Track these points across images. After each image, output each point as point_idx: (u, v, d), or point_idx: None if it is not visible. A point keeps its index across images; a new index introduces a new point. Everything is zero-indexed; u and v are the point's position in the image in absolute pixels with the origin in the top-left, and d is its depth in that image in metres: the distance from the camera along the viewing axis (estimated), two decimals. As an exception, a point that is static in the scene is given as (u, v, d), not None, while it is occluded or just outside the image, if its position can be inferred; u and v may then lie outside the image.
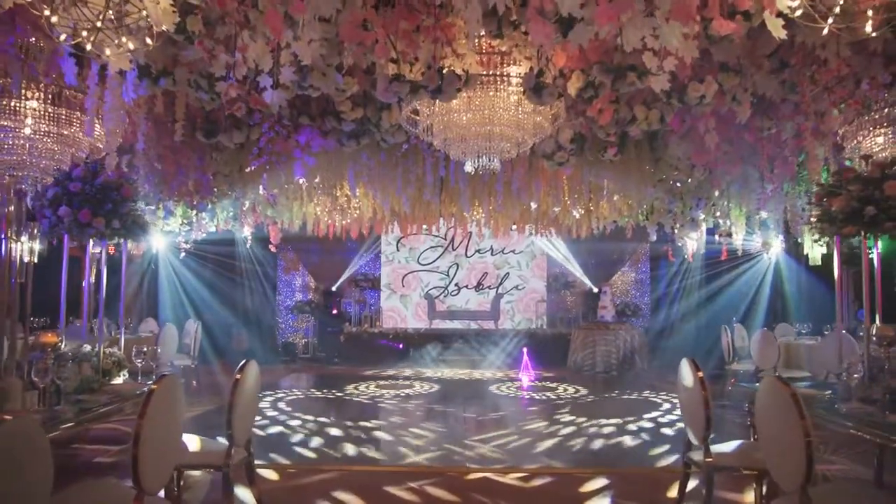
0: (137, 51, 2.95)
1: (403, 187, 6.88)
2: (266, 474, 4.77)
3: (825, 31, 2.65)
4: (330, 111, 5.15)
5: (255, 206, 8.06)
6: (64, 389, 3.23)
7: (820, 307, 9.95)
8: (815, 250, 8.62)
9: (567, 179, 7.09)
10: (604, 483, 4.62)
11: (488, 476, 4.83)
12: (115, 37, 2.88)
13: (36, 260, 3.82)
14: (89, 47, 2.67)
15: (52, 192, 3.89)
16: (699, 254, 9.61)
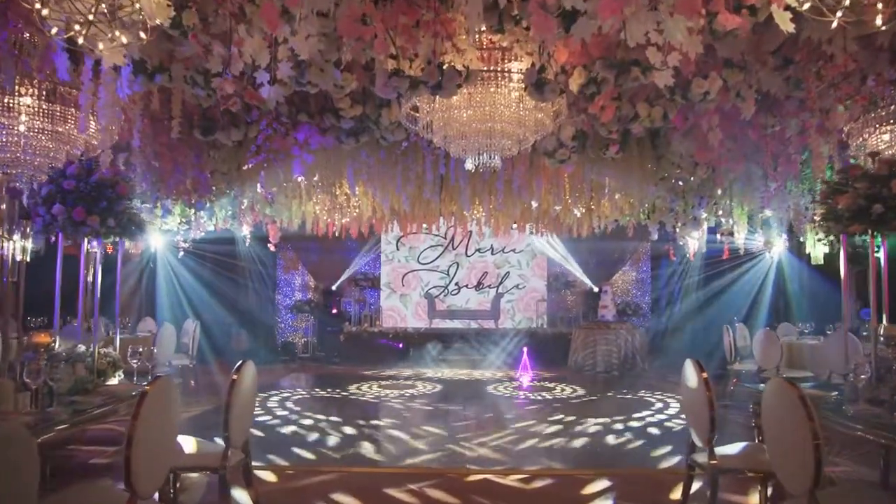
0: (131, 45, 2.89)
1: (403, 185, 6.82)
2: (264, 476, 4.71)
3: (834, 25, 2.59)
4: (329, 108, 5.10)
5: (254, 205, 8.00)
6: (57, 391, 3.18)
7: (822, 307, 9.89)
8: (818, 249, 8.56)
9: (568, 177, 7.03)
10: (606, 485, 4.57)
11: (489, 478, 4.78)
12: (109, 31, 2.83)
13: (29, 259, 3.76)
14: (81, 41, 2.61)
15: (46, 190, 3.83)
16: (700, 253, 9.53)
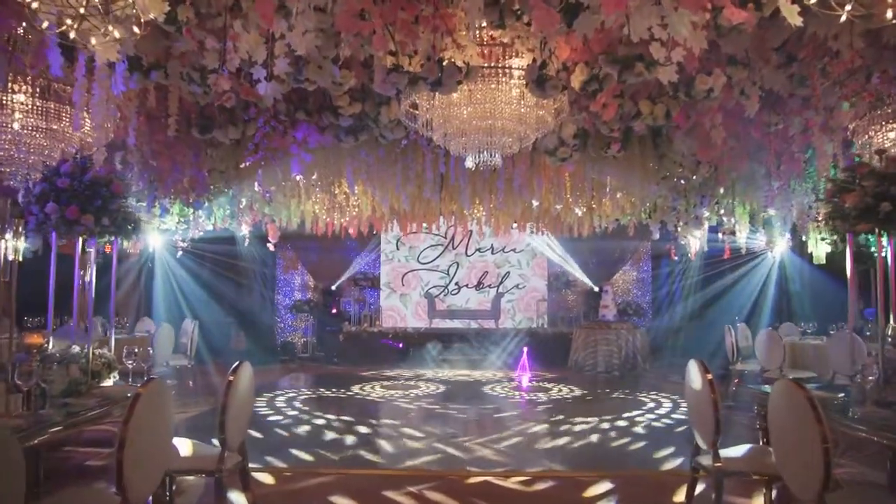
0: (124, 41, 2.83)
1: (403, 184, 6.76)
2: (261, 478, 4.65)
3: (843, 19, 2.53)
4: (327, 106, 5.03)
5: (253, 205, 7.93)
6: (49, 392, 3.12)
7: (825, 306, 9.82)
8: (820, 249, 8.50)
9: (569, 176, 6.97)
10: (608, 487, 4.51)
11: (489, 480, 4.71)
12: (102, 25, 2.77)
13: (21, 258, 3.70)
14: (73, 36, 2.55)
15: (40, 188, 3.77)
16: (702, 252, 9.47)
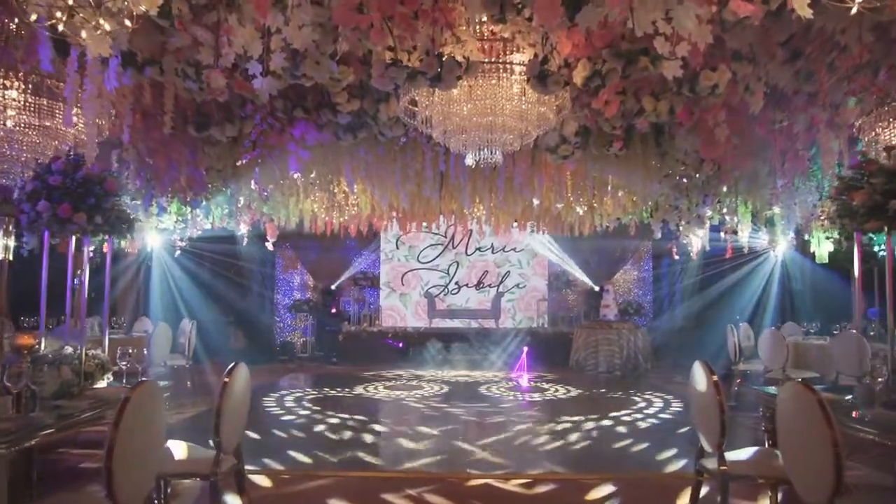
0: (115, 34, 2.76)
1: (402, 183, 6.69)
2: (258, 481, 4.58)
3: (853, 11, 2.46)
4: (325, 103, 4.96)
5: (251, 204, 7.86)
6: (40, 394, 3.05)
7: (828, 306, 9.76)
8: (823, 248, 8.43)
9: (570, 174, 6.89)
10: (610, 490, 4.44)
11: (489, 482, 4.64)
12: (93, 18, 2.70)
13: (11, 257, 3.63)
14: (61, 28, 2.48)
15: (31, 186, 3.70)
16: (703, 251, 9.40)
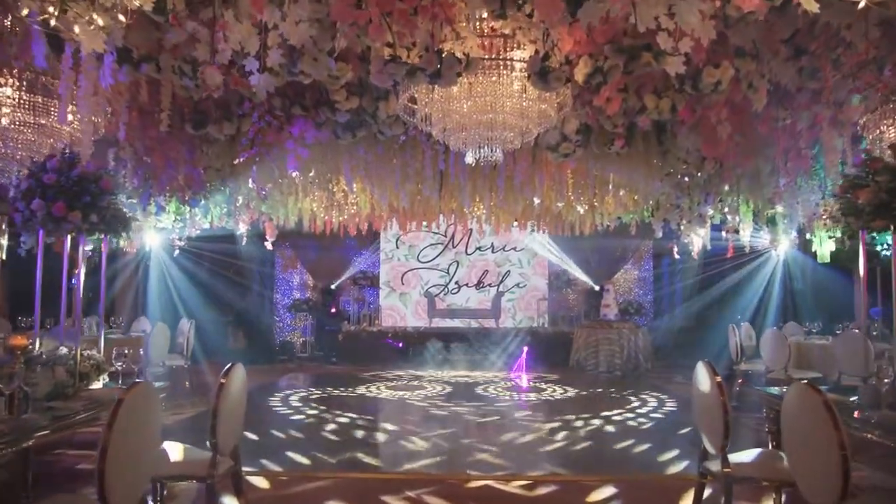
0: (109, 29, 2.72)
1: (402, 182, 6.65)
2: (256, 482, 4.53)
3: (861, 5, 2.42)
4: (324, 101, 4.92)
5: (249, 203, 7.82)
6: (33, 395, 3.00)
7: (830, 305, 9.71)
8: (825, 247, 8.37)
9: (571, 173, 6.85)
10: (612, 492, 4.38)
11: (490, 484, 4.59)
12: (86, 13, 2.66)
13: (4, 257, 3.58)
14: (53, 23, 2.44)
15: (26, 185, 3.65)
16: (704, 251, 9.34)
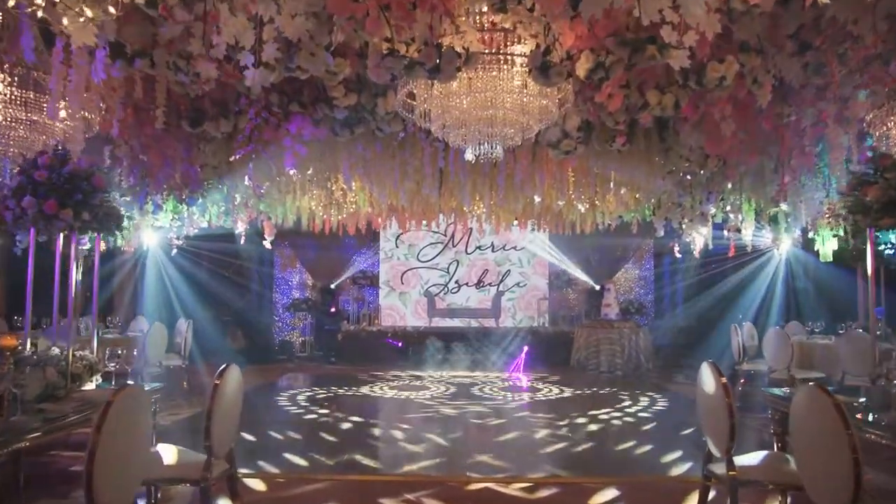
0: (100, 21, 2.65)
1: (401, 180, 6.57)
2: (252, 484, 4.46)
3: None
4: (322, 98, 4.85)
5: (247, 202, 7.75)
6: (23, 397, 2.93)
7: (833, 304, 9.64)
8: (828, 246, 8.30)
9: (572, 171, 6.77)
10: (614, 494, 4.32)
11: (490, 486, 4.53)
12: (75, 5, 2.59)
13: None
14: (41, 14, 2.37)
15: (16, 182, 3.58)
16: (706, 249, 9.27)
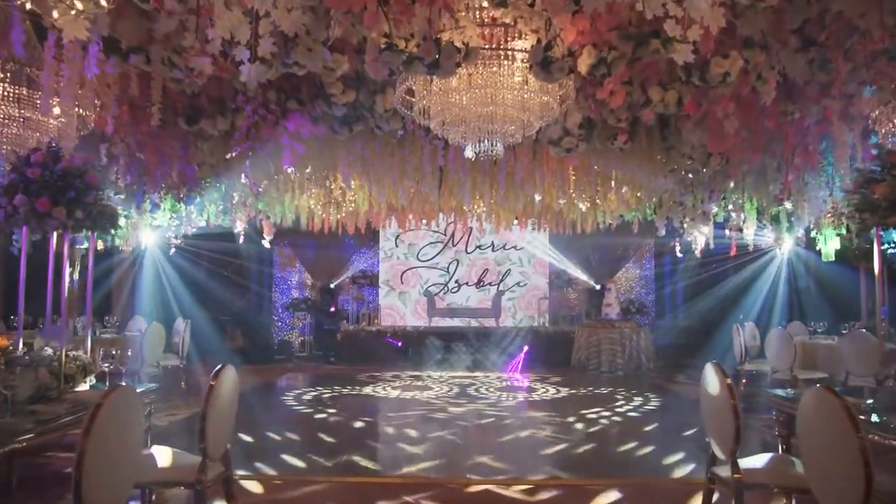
0: (91, 14, 2.59)
1: (400, 178, 6.51)
2: (249, 486, 4.40)
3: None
4: (320, 95, 4.79)
5: (246, 200, 7.69)
6: (13, 398, 2.87)
7: (836, 304, 9.58)
8: (830, 245, 8.24)
9: (573, 170, 6.71)
10: (616, 496, 4.25)
11: (490, 488, 4.46)
12: (66, -3, 2.53)
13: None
14: (29, 6, 2.32)
15: (8, 179, 3.52)
16: (707, 249, 9.20)
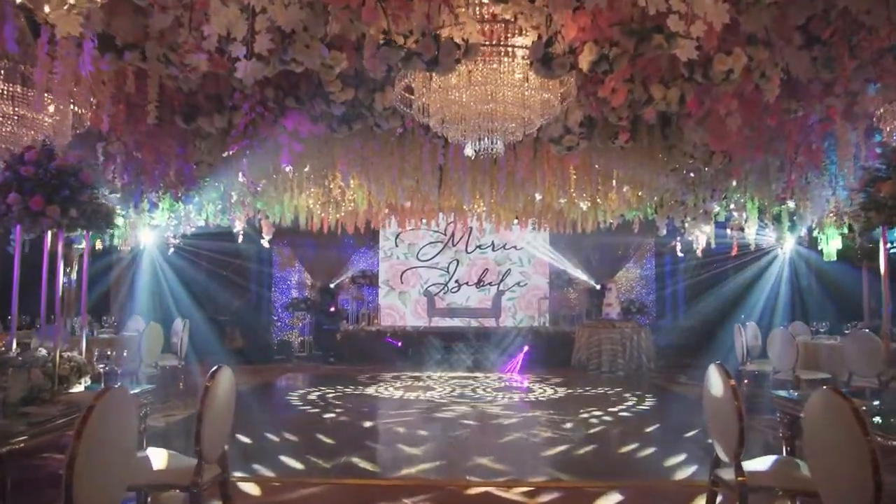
0: (84, 9, 2.54)
1: (399, 177, 6.46)
2: (247, 489, 4.35)
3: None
4: (319, 93, 4.75)
5: (244, 200, 7.64)
6: (6, 400, 2.82)
7: (838, 304, 9.54)
8: (831, 244, 8.20)
9: (574, 168, 6.66)
10: (618, 499, 4.20)
11: (490, 491, 4.41)
12: (58, -8, 2.48)
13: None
14: (19, 0, 2.27)
15: (1, 178, 3.47)
16: (709, 248, 9.15)
